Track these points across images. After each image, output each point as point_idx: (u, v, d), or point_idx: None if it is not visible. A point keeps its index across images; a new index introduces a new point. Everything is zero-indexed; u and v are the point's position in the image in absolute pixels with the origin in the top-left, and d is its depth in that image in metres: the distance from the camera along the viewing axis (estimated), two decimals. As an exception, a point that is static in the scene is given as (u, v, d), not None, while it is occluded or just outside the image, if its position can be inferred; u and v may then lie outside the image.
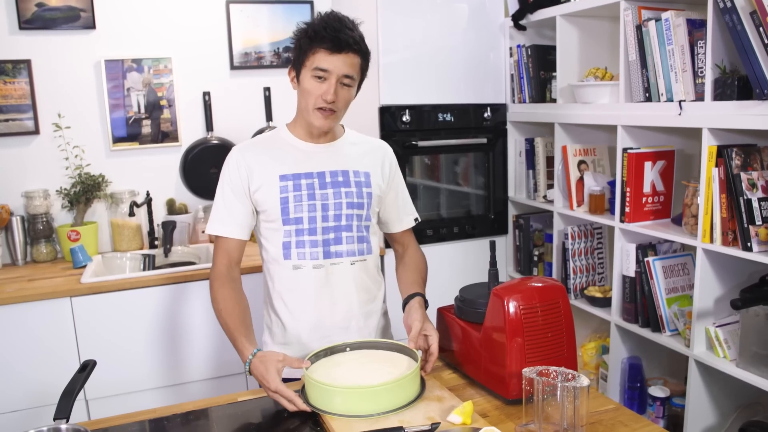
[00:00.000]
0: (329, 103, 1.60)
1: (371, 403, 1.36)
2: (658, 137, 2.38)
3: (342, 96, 1.62)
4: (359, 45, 1.60)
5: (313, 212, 1.65)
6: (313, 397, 1.44)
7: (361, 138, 1.80)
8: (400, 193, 1.82)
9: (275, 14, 3.12)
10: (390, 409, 1.37)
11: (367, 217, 1.72)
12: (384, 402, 1.37)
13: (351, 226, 1.69)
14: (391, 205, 1.81)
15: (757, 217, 1.88)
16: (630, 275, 2.36)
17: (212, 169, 3.06)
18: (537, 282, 1.48)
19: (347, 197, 1.67)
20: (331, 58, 1.58)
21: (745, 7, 1.79)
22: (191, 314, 2.53)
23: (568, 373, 1.26)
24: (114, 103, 2.91)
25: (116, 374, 2.44)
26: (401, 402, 1.39)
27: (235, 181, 1.70)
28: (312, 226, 1.66)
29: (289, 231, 1.66)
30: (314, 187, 1.66)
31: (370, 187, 1.71)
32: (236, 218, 1.70)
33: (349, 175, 1.69)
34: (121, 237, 2.90)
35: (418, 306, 1.66)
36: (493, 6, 2.88)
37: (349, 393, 1.38)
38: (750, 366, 1.95)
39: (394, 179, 1.79)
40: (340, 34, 1.57)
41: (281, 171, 1.66)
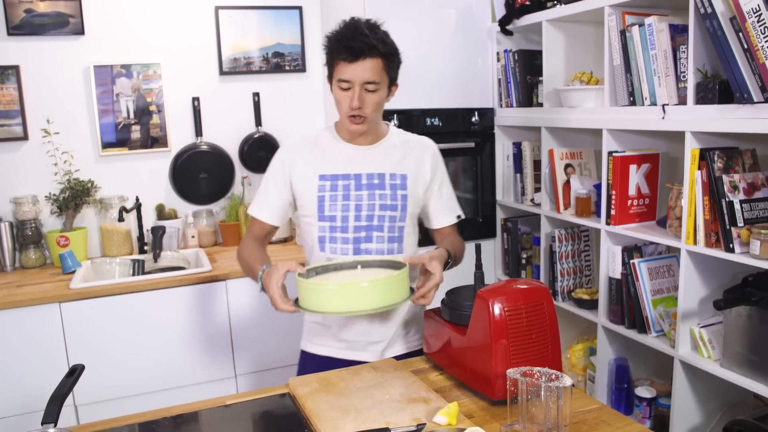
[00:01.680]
0: (356, 110, 1.67)
1: (354, 300, 1.46)
2: (643, 140, 2.41)
3: (369, 100, 1.67)
4: (376, 48, 1.63)
5: (347, 212, 1.75)
6: (304, 301, 1.55)
7: (404, 138, 1.85)
8: (443, 189, 1.86)
9: (264, 20, 3.14)
10: (373, 307, 1.47)
11: (401, 218, 1.78)
12: (368, 300, 1.46)
13: (383, 227, 1.76)
14: (432, 201, 1.85)
15: (739, 219, 1.90)
16: (616, 277, 2.39)
17: (201, 174, 3.08)
18: (521, 284, 1.50)
19: (381, 199, 1.75)
20: (350, 68, 1.63)
21: (725, 13, 1.82)
22: (181, 319, 2.54)
23: (551, 373, 1.28)
24: (103, 109, 2.92)
25: (106, 379, 2.44)
26: (384, 302, 1.47)
27: (277, 175, 1.82)
28: (344, 224, 1.75)
29: (324, 227, 1.77)
30: (350, 188, 1.75)
31: (405, 190, 1.77)
32: (271, 206, 1.84)
33: (385, 178, 1.76)
34: (110, 242, 2.90)
35: (439, 250, 1.69)
36: (480, 11, 2.91)
37: (334, 290, 1.48)
38: (733, 366, 1.97)
39: (435, 176, 1.83)
40: (354, 43, 1.62)
41: (321, 171, 1.76)
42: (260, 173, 3.20)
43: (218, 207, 3.17)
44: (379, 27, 1.70)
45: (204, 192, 3.12)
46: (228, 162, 3.14)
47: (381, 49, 1.65)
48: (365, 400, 1.47)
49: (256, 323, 2.66)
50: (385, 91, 1.71)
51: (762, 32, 1.71)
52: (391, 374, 1.60)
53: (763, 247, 1.81)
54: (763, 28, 1.71)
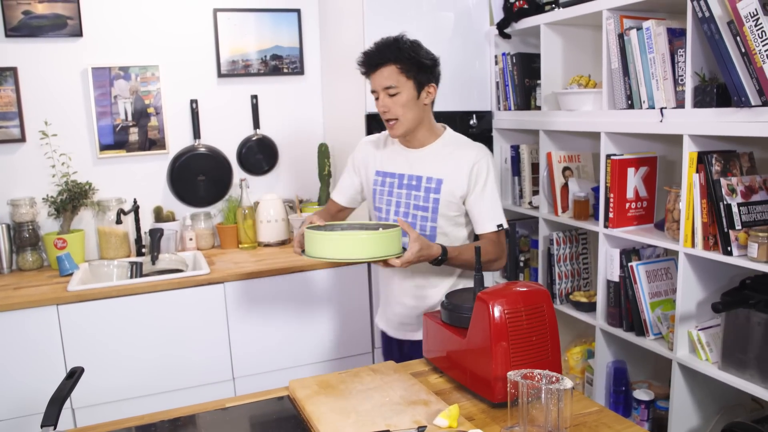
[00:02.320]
0: (385, 114, 1.87)
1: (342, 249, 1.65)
2: (641, 144, 2.42)
3: (393, 103, 1.85)
4: (388, 56, 1.83)
5: (389, 206, 1.99)
6: (308, 248, 1.72)
7: (455, 144, 1.96)
8: (485, 198, 1.91)
9: (262, 22, 3.14)
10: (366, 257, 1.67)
11: (432, 219, 1.93)
12: (362, 249, 1.65)
13: (416, 224, 1.95)
14: (473, 209, 1.93)
15: (737, 221, 1.91)
16: (614, 280, 2.39)
17: (199, 177, 3.07)
18: (521, 287, 1.50)
19: (415, 200, 1.94)
20: (372, 79, 1.89)
21: (722, 17, 1.82)
22: (179, 322, 2.53)
23: (552, 375, 1.28)
24: (101, 111, 2.91)
25: (103, 382, 2.44)
26: (376, 253, 1.66)
27: (354, 163, 2.12)
28: (387, 217, 2.01)
29: (375, 216, 2.07)
30: (394, 186, 1.98)
31: (438, 194, 1.91)
32: (343, 188, 2.15)
33: (421, 181, 1.93)
34: (108, 245, 2.90)
35: (428, 243, 1.78)
36: (478, 15, 2.91)
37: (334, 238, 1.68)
38: (731, 368, 1.98)
39: (475, 185, 1.90)
40: (367, 58, 1.87)
41: (379, 167, 2.03)
42: (258, 176, 3.22)
43: (216, 209, 3.16)
44: (400, 38, 1.87)
45: (202, 194, 3.11)
46: (226, 164, 3.14)
47: (394, 55, 1.82)
48: (365, 402, 1.47)
49: (255, 326, 2.66)
50: (409, 93, 1.85)
51: (759, 36, 1.72)
52: (390, 377, 1.61)
53: (761, 250, 1.82)
54: (760, 32, 1.72)
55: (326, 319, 2.79)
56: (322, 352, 2.80)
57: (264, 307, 2.67)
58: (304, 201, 3.26)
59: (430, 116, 1.96)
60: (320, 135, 3.32)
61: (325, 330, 2.79)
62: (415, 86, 1.85)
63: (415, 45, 1.87)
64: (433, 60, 1.90)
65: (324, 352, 2.80)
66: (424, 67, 1.86)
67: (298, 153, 3.29)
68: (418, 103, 1.87)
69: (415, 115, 1.88)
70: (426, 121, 1.94)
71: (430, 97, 1.90)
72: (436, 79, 1.91)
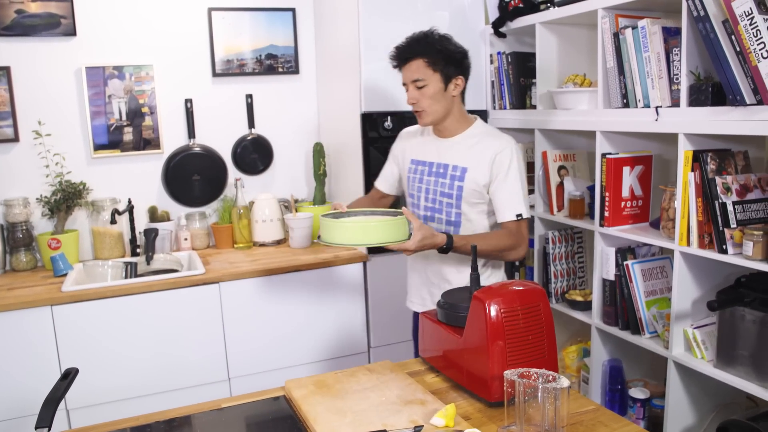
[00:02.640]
0: (413, 105, 1.98)
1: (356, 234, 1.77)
2: (636, 142, 2.42)
3: (421, 95, 1.95)
4: (415, 50, 1.94)
5: (420, 193, 2.10)
6: (323, 234, 1.82)
7: (481, 134, 2.02)
8: (506, 187, 1.95)
9: (257, 21, 3.13)
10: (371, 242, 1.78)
11: (456, 206, 2.01)
12: (367, 235, 1.77)
13: (442, 210, 2.04)
14: (494, 197, 1.98)
15: (732, 220, 1.91)
16: (610, 279, 2.39)
17: (194, 176, 3.06)
18: (518, 286, 1.50)
19: (441, 187, 2.03)
20: (402, 72, 2.00)
21: (717, 16, 1.83)
22: (174, 322, 2.52)
23: (548, 374, 1.28)
24: (95, 111, 2.90)
25: (98, 383, 2.43)
26: (381, 239, 1.77)
27: (394, 152, 2.25)
28: (418, 203, 2.12)
29: (410, 202, 2.17)
30: (424, 174, 2.08)
31: (462, 182, 1.98)
32: (384, 176, 2.30)
33: (448, 169, 2.01)
34: (102, 245, 2.88)
35: (433, 231, 1.87)
36: (473, 14, 2.91)
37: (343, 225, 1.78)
38: (726, 366, 1.98)
39: (498, 174, 1.95)
40: (398, 52, 1.98)
41: (413, 156, 2.13)
42: (253, 175, 3.21)
43: (211, 209, 3.15)
44: (429, 33, 1.96)
45: (197, 194, 3.10)
46: (221, 164, 3.13)
47: (421, 49, 1.93)
48: (362, 402, 1.47)
49: (250, 326, 2.65)
50: (436, 85, 1.93)
51: (754, 35, 1.72)
52: (387, 376, 1.60)
53: (755, 248, 1.82)
54: (755, 31, 1.72)
55: (322, 319, 2.78)
56: (318, 351, 2.79)
57: (259, 307, 2.67)
58: (299, 201, 3.25)
59: (460, 107, 2.03)
60: (315, 134, 3.31)
61: (321, 330, 2.79)
62: (442, 79, 1.94)
63: (443, 39, 1.96)
64: (461, 53, 1.97)
65: (320, 351, 2.80)
66: (452, 60, 1.94)
67: (293, 152, 3.28)
68: (445, 95, 1.96)
69: (442, 107, 1.97)
70: (455, 112, 2.01)
71: (458, 89, 1.97)
72: (464, 71, 1.98)
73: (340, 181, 3.09)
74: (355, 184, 2.84)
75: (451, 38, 1.99)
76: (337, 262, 2.76)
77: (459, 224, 2.03)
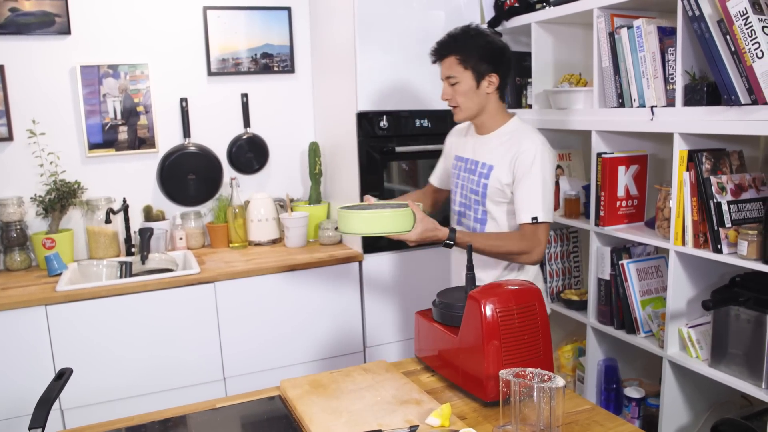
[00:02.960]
0: (447, 101, 2.01)
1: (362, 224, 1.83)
2: (631, 142, 2.43)
3: (454, 91, 1.97)
4: (448, 48, 1.96)
5: (456, 188, 2.13)
6: (339, 224, 1.90)
7: (512, 132, 1.99)
8: (525, 189, 1.91)
9: (252, 20, 3.12)
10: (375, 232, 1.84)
11: (482, 203, 2.01)
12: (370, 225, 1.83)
13: (470, 207, 2.06)
14: (514, 198, 1.95)
15: (727, 219, 1.92)
16: (605, 278, 2.40)
17: (189, 176, 3.05)
18: (513, 285, 1.50)
19: (471, 183, 2.04)
20: (441, 68, 2.00)
21: (712, 16, 1.83)
22: (169, 322, 2.52)
23: (544, 374, 1.28)
24: (90, 110, 2.89)
25: (93, 383, 2.42)
26: (384, 229, 1.83)
27: (445, 148, 2.28)
28: (454, 198, 2.15)
29: (451, 197, 2.20)
30: (461, 170, 2.10)
31: (487, 179, 1.98)
32: (436, 171, 2.34)
33: (477, 166, 2.02)
34: (97, 244, 2.87)
35: (436, 225, 1.88)
36: (469, 13, 2.91)
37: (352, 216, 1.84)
38: (721, 365, 1.99)
39: (518, 176, 1.93)
40: (435, 49, 2.00)
41: (456, 152, 2.15)
42: (249, 174, 3.21)
43: (206, 208, 3.14)
44: (466, 29, 1.97)
45: (192, 193, 3.09)
46: (216, 163, 3.12)
47: (454, 46, 1.94)
48: (357, 402, 1.46)
49: (245, 325, 2.65)
50: (468, 83, 1.94)
51: (749, 35, 1.73)
52: (382, 376, 1.60)
53: (750, 248, 1.83)
54: (750, 30, 1.73)
55: (317, 319, 2.78)
56: (313, 351, 2.79)
57: (255, 306, 2.66)
58: (294, 200, 3.25)
59: (497, 104, 2.00)
60: (311, 133, 3.31)
61: (317, 329, 2.78)
62: (474, 76, 1.94)
63: (477, 36, 1.95)
64: (496, 50, 1.95)
65: (315, 351, 2.79)
66: (485, 57, 1.93)
67: (288, 152, 3.28)
68: (478, 92, 1.95)
69: (474, 104, 1.97)
70: (490, 109, 2.00)
71: (492, 86, 1.95)
72: (497, 68, 1.95)
73: (336, 181, 3.09)
74: (350, 184, 2.84)
75: (487, 34, 1.97)
76: (333, 261, 2.76)
77: (485, 222, 2.03)
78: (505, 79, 2.00)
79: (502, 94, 2.02)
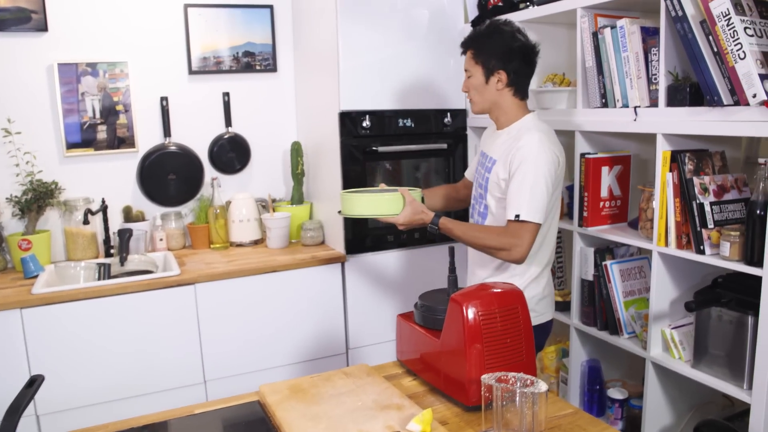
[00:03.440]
0: (465, 93, 2.08)
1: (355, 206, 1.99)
2: (615, 142, 2.42)
3: (468, 85, 2.03)
4: (467, 42, 2.02)
5: (474, 181, 2.15)
6: (342, 207, 2.05)
7: (521, 128, 1.99)
8: (514, 186, 1.90)
9: (234, 18, 3.09)
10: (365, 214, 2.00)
11: (485, 197, 2.04)
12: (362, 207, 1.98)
13: (478, 201, 2.09)
14: (508, 194, 1.93)
15: (709, 220, 1.91)
16: (588, 279, 2.39)
17: (170, 176, 3.01)
18: (496, 288, 1.48)
19: (480, 178, 2.07)
20: None
21: (695, 16, 1.82)
22: (148, 325, 2.47)
23: (526, 378, 1.26)
24: (68, 108, 2.84)
25: (69, 388, 2.37)
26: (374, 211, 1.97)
27: (477, 144, 2.31)
28: (472, 191, 2.17)
29: None
30: (480, 165, 2.11)
31: (489, 173, 2.01)
32: (470, 166, 2.33)
33: (486, 160, 2.05)
34: (75, 245, 2.82)
35: (425, 209, 1.99)
36: (452, 12, 2.89)
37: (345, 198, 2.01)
38: (704, 366, 1.99)
39: (511, 171, 1.92)
40: (461, 43, 2.06)
41: (482, 148, 2.15)
42: (230, 174, 3.17)
43: (187, 209, 3.10)
44: (488, 24, 2.02)
45: (172, 194, 3.05)
46: (197, 163, 3.08)
47: (470, 41, 2.01)
48: (337, 407, 1.44)
49: (226, 328, 2.61)
50: (479, 77, 1.99)
51: (732, 35, 1.72)
52: (363, 380, 1.58)
53: (732, 249, 1.82)
54: (732, 31, 1.72)
55: (299, 321, 2.75)
56: (295, 353, 2.76)
57: (236, 308, 2.63)
58: (276, 200, 3.21)
59: (511, 101, 2.00)
60: (293, 133, 3.28)
61: (299, 331, 2.75)
62: (483, 72, 1.97)
63: (493, 32, 1.98)
64: (506, 49, 1.95)
65: (298, 353, 2.76)
66: (495, 54, 1.95)
67: (270, 151, 3.24)
68: (488, 87, 1.98)
69: (484, 99, 2.01)
70: (504, 105, 2.00)
71: (501, 84, 1.97)
72: (506, 66, 1.95)
73: (318, 181, 3.06)
74: (333, 184, 2.81)
75: (503, 31, 1.97)
76: (315, 262, 2.73)
77: (486, 216, 2.05)
78: (519, 78, 1.98)
79: (519, 91, 2.00)
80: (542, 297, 2.04)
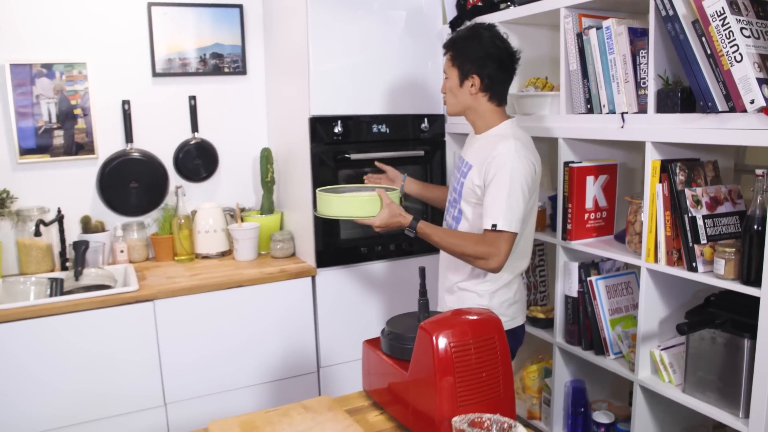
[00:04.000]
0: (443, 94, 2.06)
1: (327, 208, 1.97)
2: (600, 150, 2.30)
3: (444, 86, 2.02)
4: (447, 44, 2.00)
5: (450, 186, 2.12)
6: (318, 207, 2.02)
7: (498, 134, 1.95)
8: (490, 194, 1.86)
9: (201, 18, 2.93)
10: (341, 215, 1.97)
11: (459, 202, 2.01)
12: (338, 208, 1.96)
13: (452, 204, 2.06)
14: (485, 203, 1.88)
15: (702, 235, 1.79)
16: (573, 295, 2.26)
17: (132, 184, 2.84)
18: (471, 315, 1.33)
19: (455, 181, 2.05)
20: None
21: (687, 16, 1.70)
22: (103, 345, 2.30)
23: (503, 422, 1.12)
24: (21, 112, 2.66)
25: (17, 414, 2.20)
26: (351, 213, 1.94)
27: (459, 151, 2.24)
28: (449, 196, 2.12)
29: None
30: (455, 167, 2.09)
31: (464, 178, 1.97)
32: None
33: (462, 164, 2.01)
34: (28, 258, 2.64)
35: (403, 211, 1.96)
36: (430, 13, 2.75)
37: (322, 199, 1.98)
38: (696, 392, 1.86)
39: (487, 180, 1.88)
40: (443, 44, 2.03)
41: (462, 151, 2.11)
42: (196, 182, 3.00)
43: (150, 219, 2.92)
44: (467, 27, 2.04)
45: (134, 203, 2.88)
46: (161, 170, 2.91)
47: (449, 44, 1.99)
48: (292, 449, 1.28)
49: (188, 347, 2.44)
50: (453, 80, 1.96)
51: (727, 36, 1.59)
52: (324, 416, 1.42)
53: (727, 267, 1.69)
54: (727, 32, 1.59)
55: (268, 338, 2.58)
56: (264, 373, 2.60)
57: (199, 326, 2.46)
58: (245, 209, 3.05)
59: (486, 106, 1.96)
60: (263, 139, 3.12)
61: (267, 349, 2.59)
62: (458, 75, 1.95)
63: (471, 36, 1.95)
64: (482, 53, 1.91)
65: (266, 373, 2.60)
66: (470, 58, 1.92)
67: (239, 158, 3.08)
68: (461, 90, 1.95)
69: (458, 101, 1.98)
70: (479, 110, 1.97)
71: (474, 88, 1.93)
72: (480, 71, 1.91)
73: (289, 189, 2.90)
74: (303, 192, 2.65)
75: (482, 36, 1.93)
76: (284, 276, 2.57)
77: (459, 221, 2.01)
78: (495, 84, 1.93)
79: (495, 96, 1.96)
80: (513, 302, 2.02)
